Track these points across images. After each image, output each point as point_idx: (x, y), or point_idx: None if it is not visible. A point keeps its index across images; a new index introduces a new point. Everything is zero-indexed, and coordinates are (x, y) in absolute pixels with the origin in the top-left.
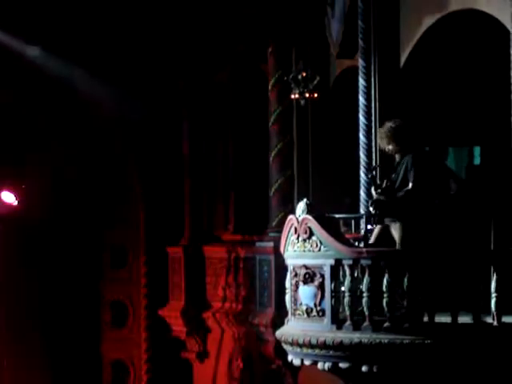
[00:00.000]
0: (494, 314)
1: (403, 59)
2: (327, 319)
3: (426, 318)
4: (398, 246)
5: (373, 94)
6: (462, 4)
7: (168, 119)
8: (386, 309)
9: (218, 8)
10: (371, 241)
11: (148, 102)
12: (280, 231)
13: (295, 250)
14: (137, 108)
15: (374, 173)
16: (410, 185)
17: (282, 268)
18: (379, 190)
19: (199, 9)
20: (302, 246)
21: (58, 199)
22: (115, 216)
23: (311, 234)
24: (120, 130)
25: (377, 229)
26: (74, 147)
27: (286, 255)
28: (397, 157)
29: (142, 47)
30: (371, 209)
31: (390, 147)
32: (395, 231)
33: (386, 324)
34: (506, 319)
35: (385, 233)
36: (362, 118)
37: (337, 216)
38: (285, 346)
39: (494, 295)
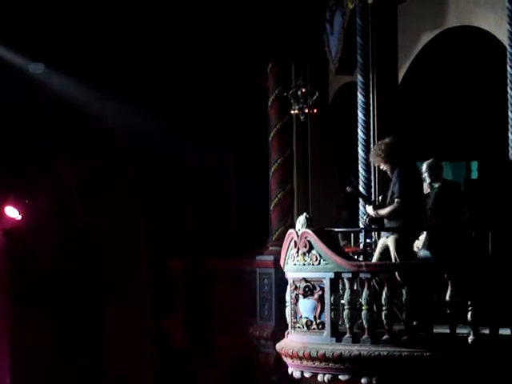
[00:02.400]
0: (491, 326)
1: (401, 75)
2: (327, 332)
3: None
4: (392, 259)
5: (371, 109)
6: (459, 21)
7: (169, 133)
8: (384, 321)
9: (218, 25)
10: (374, 258)
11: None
12: (280, 245)
13: (295, 264)
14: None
15: (353, 190)
16: (396, 200)
17: (282, 281)
18: (372, 207)
19: (200, 25)
20: (301, 259)
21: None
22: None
23: (311, 247)
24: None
25: (379, 245)
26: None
27: (286, 269)
28: (390, 174)
29: (143, 60)
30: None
31: (383, 165)
32: (390, 244)
33: (385, 336)
34: (503, 331)
35: (387, 249)
36: (360, 133)
37: (336, 230)
38: (285, 359)
39: (491, 307)
